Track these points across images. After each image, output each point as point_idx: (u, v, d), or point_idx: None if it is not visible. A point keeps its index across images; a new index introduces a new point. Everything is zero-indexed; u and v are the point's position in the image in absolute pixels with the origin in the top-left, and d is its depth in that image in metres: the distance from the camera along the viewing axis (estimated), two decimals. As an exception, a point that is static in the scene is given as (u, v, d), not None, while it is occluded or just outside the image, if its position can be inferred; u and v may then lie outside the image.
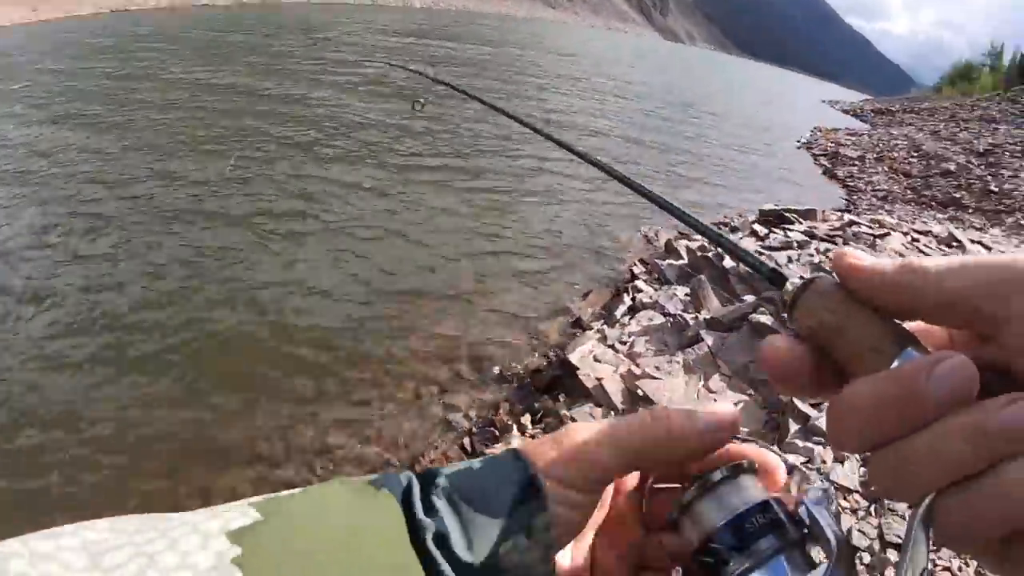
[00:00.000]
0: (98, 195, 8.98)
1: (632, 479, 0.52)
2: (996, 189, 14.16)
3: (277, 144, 11.86)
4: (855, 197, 14.47)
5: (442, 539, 0.41)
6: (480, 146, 13.25)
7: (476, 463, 0.47)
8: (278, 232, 8.30)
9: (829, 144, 20.69)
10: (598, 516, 0.51)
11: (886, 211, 12.78)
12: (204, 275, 7.15)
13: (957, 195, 14.17)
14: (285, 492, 0.42)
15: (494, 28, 44.89)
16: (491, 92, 19.79)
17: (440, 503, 0.43)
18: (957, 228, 10.67)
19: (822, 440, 4.10)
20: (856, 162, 17.96)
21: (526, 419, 5.02)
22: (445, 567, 0.40)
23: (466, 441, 4.90)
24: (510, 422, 4.99)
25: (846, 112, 35.45)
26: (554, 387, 5.49)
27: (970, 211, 13.13)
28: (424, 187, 10.38)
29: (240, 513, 0.38)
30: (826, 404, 0.43)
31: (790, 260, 6.47)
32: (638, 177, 0.80)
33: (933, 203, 13.89)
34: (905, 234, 8.02)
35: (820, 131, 23.99)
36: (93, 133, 11.65)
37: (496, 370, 5.89)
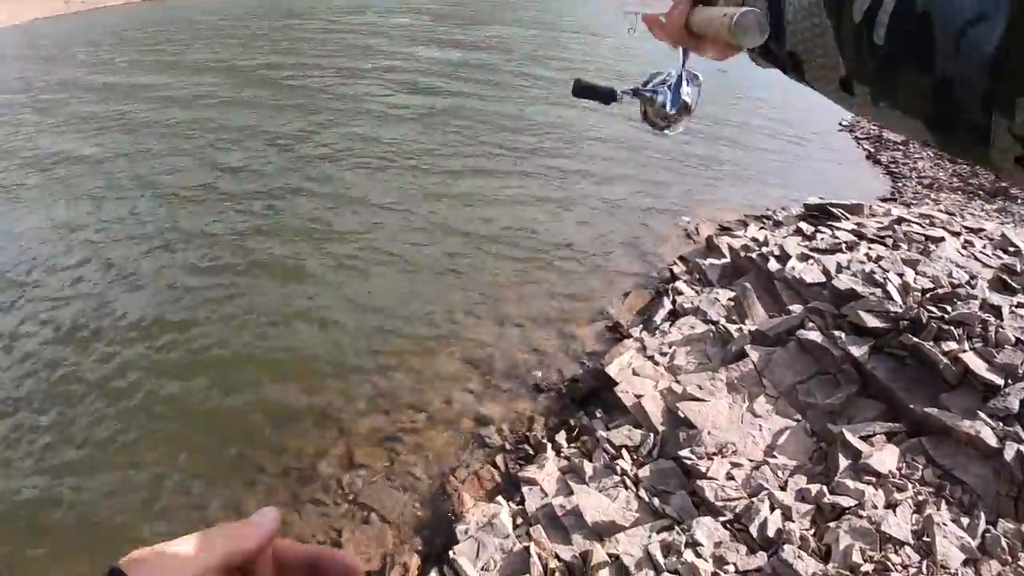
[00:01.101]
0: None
1: None
2: (1047, 178, 13.65)
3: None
4: (900, 184, 14.02)
5: None
6: (504, 146, 12.90)
7: None
8: (311, 239, 8.24)
9: (872, 127, 20.12)
10: None
11: (932, 200, 12.38)
12: (229, 297, 7.12)
13: (1005, 184, 13.67)
14: None
15: (526, 6, 44.08)
16: (507, 85, 19.49)
17: None
18: (1007, 223, 10.30)
19: (873, 480, 3.88)
20: (900, 146, 17.41)
21: (561, 436, 4.84)
22: None
23: (499, 459, 4.74)
24: (544, 440, 4.82)
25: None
26: (591, 400, 5.30)
27: (1019, 201, 12.66)
28: (445, 186, 10.17)
29: None
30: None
31: (840, 268, 6.18)
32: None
33: (980, 192, 13.42)
34: (957, 234, 7.70)
35: (863, 111, 23.33)
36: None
37: (530, 379, 5.71)
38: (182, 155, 10.90)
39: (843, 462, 4.03)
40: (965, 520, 3.68)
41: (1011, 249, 7.14)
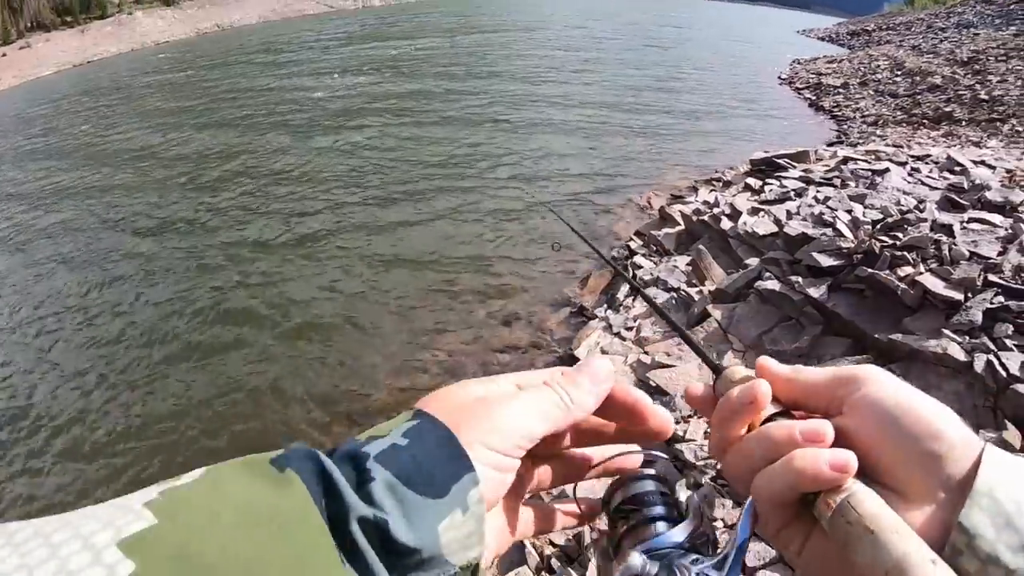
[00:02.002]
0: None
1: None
2: (987, 97, 13.80)
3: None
4: (845, 126, 14.15)
5: (377, 527, 0.40)
6: (456, 153, 12.85)
7: (399, 437, 0.45)
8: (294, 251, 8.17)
9: (810, 75, 20.32)
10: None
11: (878, 136, 12.48)
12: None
13: (948, 109, 13.81)
14: (182, 480, 0.39)
15: (450, 14, 43.92)
16: (458, 86, 19.53)
17: (378, 489, 0.41)
18: (954, 146, 10.38)
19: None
20: (840, 90, 17.62)
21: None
22: (369, 554, 0.39)
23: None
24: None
25: (822, 39, 34.85)
26: (565, 386, 5.28)
27: (963, 124, 12.77)
28: (394, 206, 10.13)
29: (135, 516, 0.35)
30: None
31: (790, 215, 6.21)
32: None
33: (925, 121, 13.54)
34: (903, 164, 7.74)
35: (799, 63, 23.56)
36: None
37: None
38: (94, 255, 9.72)
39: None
40: (946, 438, 3.68)
41: (957, 169, 7.19)
